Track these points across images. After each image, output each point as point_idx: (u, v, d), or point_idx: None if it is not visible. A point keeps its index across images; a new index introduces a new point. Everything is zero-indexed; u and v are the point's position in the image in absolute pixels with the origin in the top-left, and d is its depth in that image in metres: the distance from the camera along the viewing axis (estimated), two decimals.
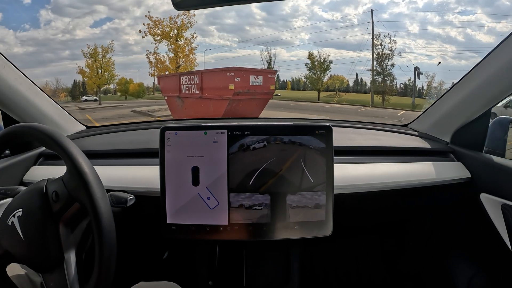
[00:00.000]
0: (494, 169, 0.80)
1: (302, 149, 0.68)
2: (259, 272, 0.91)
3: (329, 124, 0.69)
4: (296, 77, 16.90)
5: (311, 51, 15.68)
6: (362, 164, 0.85)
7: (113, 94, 15.74)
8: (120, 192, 0.66)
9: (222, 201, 0.69)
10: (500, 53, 0.73)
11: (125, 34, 17.17)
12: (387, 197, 0.84)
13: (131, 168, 0.84)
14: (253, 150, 0.68)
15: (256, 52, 19.96)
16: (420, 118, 1.08)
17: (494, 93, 0.78)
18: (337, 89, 15.13)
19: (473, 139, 0.90)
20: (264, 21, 19.54)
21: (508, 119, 0.87)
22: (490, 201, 0.80)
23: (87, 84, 14.13)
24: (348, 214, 0.89)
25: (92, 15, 16.03)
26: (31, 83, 0.88)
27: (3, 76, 0.79)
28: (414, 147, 0.94)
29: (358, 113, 10.91)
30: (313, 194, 0.69)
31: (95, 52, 13.24)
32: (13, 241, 0.54)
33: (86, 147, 0.91)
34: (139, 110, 11.33)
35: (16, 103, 0.85)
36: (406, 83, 13.44)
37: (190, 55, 13.10)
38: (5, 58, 0.80)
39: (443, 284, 1.00)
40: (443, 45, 15.50)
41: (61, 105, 1.02)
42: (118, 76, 14.49)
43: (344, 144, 0.91)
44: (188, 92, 7.69)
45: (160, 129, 0.69)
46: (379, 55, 13.02)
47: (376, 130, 1.09)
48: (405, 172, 0.84)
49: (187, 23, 12.83)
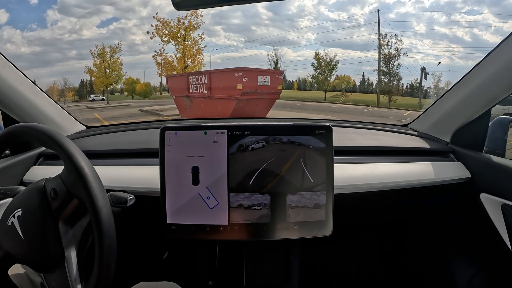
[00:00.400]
0: (494, 169, 0.80)
1: (302, 149, 0.68)
2: (259, 272, 0.91)
3: (329, 124, 0.69)
4: (303, 77, 16.88)
5: (317, 51, 15.62)
6: (362, 164, 0.85)
7: (119, 94, 15.92)
8: (120, 192, 0.66)
9: (222, 201, 0.69)
10: (500, 53, 0.73)
11: (132, 34, 17.37)
12: (387, 197, 0.84)
13: (131, 168, 0.84)
14: (253, 150, 0.68)
15: (262, 52, 19.89)
16: (420, 118, 1.08)
17: (494, 93, 0.78)
18: (344, 89, 15.09)
19: (473, 139, 0.90)
20: (270, 21, 19.55)
21: (508, 119, 0.87)
22: (490, 201, 0.80)
23: (95, 84, 14.31)
24: (348, 214, 0.89)
25: (99, 15, 16.28)
26: (31, 83, 0.88)
27: (3, 76, 0.79)
28: (414, 147, 0.94)
29: (364, 113, 10.90)
30: (313, 194, 0.69)
31: (103, 52, 13.45)
32: (14, 242, 0.54)
33: (86, 147, 0.91)
34: (147, 110, 11.43)
35: (16, 103, 0.85)
36: (412, 84, 13.40)
37: (198, 55, 13.27)
38: (5, 58, 0.80)
39: (443, 284, 1.00)
40: (450, 45, 15.45)
41: (68, 104, 1.02)
42: (125, 76, 14.74)
43: (344, 144, 0.91)
44: (196, 91, 7.86)
45: (160, 129, 0.69)
46: (386, 55, 12.99)
47: (376, 130, 1.09)
48: (405, 172, 0.84)
49: (194, 24, 13.00)
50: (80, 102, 14.19)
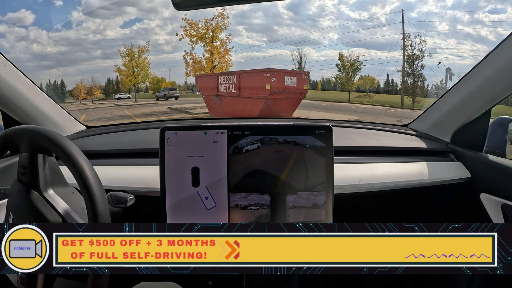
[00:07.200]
0: (494, 169, 0.80)
1: (302, 149, 0.68)
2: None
3: (329, 124, 0.69)
4: (326, 77, 16.75)
5: (341, 51, 15.45)
6: (362, 164, 0.85)
7: (144, 92, 16.24)
8: (120, 192, 0.66)
9: (222, 201, 0.69)
10: (500, 53, 0.73)
11: (155, 34, 17.63)
12: (387, 197, 0.84)
13: (131, 168, 0.84)
14: (253, 150, 0.68)
15: (285, 52, 19.56)
16: (420, 118, 1.08)
17: (494, 93, 0.79)
18: (368, 90, 14.98)
19: (473, 139, 0.90)
20: (292, 21, 19.39)
21: (508, 119, 0.87)
22: (490, 201, 0.80)
23: (123, 82, 14.80)
24: (348, 214, 0.89)
25: (122, 16, 16.61)
26: (31, 83, 0.88)
27: (3, 76, 0.79)
28: (414, 147, 0.94)
29: (388, 114, 10.88)
30: (313, 194, 0.69)
31: (132, 52, 13.93)
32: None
33: (86, 147, 0.90)
34: (176, 107, 11.63)
35: (16, 103, 0.85)
36: (438, 84, 13.23)
37: (225, 56, 13.55)
38: (5, 58, 0.80)
39: (443, 284, 1.00)
40: (475, 45, 15.13)
41: (96, 102, 1.02)
42: (152, 75, 15.19)
43: (344, 144, 0.90)
44: (225, 91, 8.25)
45: (160, 129, 0.69)
46: (410, 56, 12.84)
47: (376, 130, 1.09)
48: (405, 172, 0.84)
49: (221, 25, 13.25)
50: (106, 100, 14.74)
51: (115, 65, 14.20)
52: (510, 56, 0.70)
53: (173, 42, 17.01)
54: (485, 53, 0.77)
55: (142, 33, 16.72)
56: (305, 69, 14.41)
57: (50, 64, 16.20)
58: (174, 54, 17.63)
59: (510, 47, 0.70)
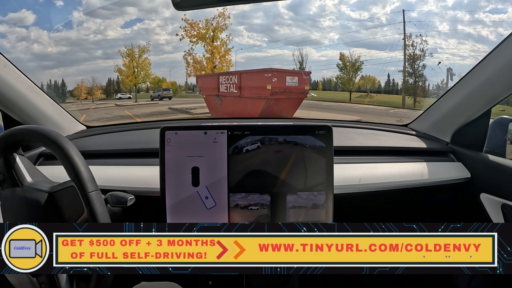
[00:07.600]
0: (494, 169, 0.80)
1: (302, 149, 0.68)
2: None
3: (329, 124, 0.69)
4: (327, 77, 16.71)
5: (341, 51, 15.39)
6: (362, 164, 0.85)
7: (145, 92, 16.28)
8: (120, 192, 0.66)
9: (222, 201, 0.69)
10: (500, 53, 0.73)
11: (155, 34, 17.65)
12: (387, 197, 0.84)
13: (131, 168, 0.84)
14: (253, 150, 0.68)
15: (286, 52, 19.43)
16: (420, 118, 1.07)
17: (494, 93, 0.78)
18: (369, 90, 14.93)
19: (473, 139, 0.90)
20: (292, 21, 19.33)
21: (508, 119, 0.87)
22: (490, 201, 0.80)
23: (123, 82, 14.80)
24: (348, 214, 0.89)
25: (123, 16, 16.60)
26: (31, 83, 0.88)
27: (3, 76, 0.79)
28: (414, 147, 0.94)
29: (389, 114, 10.87)
30: (313, 194, 0.69)
31: (132, 52, 13.92)
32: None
33: (86, 147, 0.90)
34: (177, 108, 11.60)
35: (16, 103, 0.85)
36: (439, 84, 13.17)
37: (226, 56, 13.52)
38: (5, 58, 0.80)
39: (443, 284, 1.00)
40: (476, 45, 15.04)
41: (96, 102, 1.03)
42: (153, 75, 15.17)
43: (344, 144, 0.90)
44: (226, 91, 8.19)
45: (160, 129, 0.69)
46: (411, 56, 12.78)
47: (376, 130, 1.09)
48: (405, 172, 0.84)
49: (222, 25, 13.22)
50: (107, 100, 14.76)
51: (116, 65, 14.24)
52: (510, 56, 0.70)
53: (174, 42, 17.04)
54: (485, 53, 0.76)
55: (143, 33, 16.76)
56: (306, 69, 14.40)
57: (51, 64, 16.31)
58: (175, 54, 17.68)
59: (510, 47, 0.70)
